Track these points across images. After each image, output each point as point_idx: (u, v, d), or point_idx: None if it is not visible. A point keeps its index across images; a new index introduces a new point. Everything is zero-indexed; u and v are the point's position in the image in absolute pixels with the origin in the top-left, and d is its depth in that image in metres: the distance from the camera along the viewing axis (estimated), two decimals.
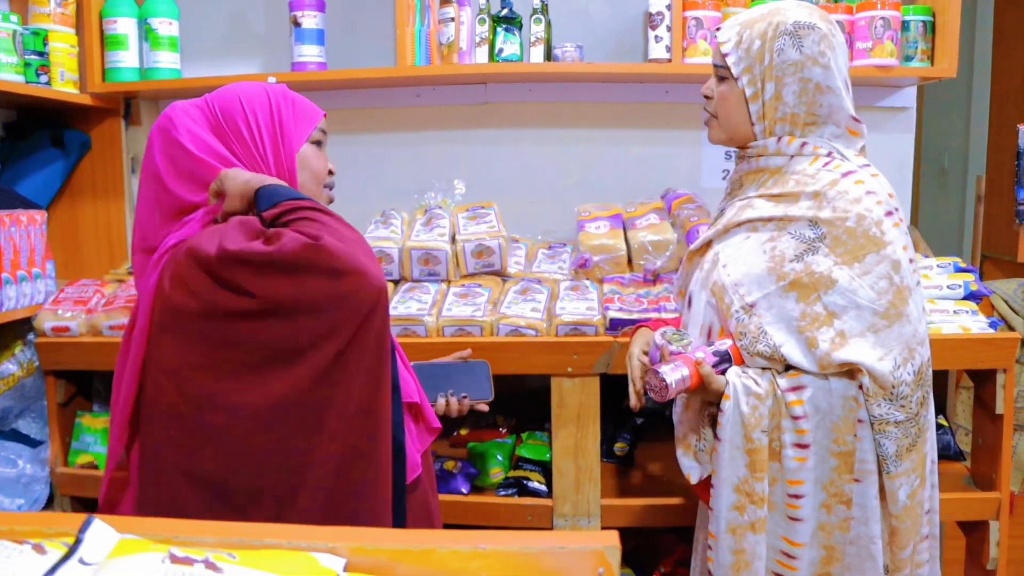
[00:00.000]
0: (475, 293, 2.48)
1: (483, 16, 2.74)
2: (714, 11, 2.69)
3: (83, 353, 2.50)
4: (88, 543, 0.76)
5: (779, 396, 1.63)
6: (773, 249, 1.67)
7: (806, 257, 1.63)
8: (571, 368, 2.30)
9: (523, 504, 2.39)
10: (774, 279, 1.65)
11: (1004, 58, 4.02)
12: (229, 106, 1.56)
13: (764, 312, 1.66)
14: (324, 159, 1.66)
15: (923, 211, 5.01)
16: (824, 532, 1.69)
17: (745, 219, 1.73)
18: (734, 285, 1.69)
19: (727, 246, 1.76)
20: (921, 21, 2.72)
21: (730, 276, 1.70)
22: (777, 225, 1.69)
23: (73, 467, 2.58)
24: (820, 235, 1.63)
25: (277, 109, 1.58)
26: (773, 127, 1.71)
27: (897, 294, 1.61)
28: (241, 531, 0.82)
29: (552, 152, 3.03)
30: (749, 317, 1.67)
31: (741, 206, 1.76)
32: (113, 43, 2.84)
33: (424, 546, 0.81)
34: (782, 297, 1.65)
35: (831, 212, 1.63)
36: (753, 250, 1.70)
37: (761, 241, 1.70)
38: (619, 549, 0.82)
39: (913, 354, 1.63)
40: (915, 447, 1.66)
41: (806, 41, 1.66)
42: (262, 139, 1.56)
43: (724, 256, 1.74)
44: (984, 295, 2.49)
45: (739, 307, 1.68)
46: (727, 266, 1.72)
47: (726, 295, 1.70)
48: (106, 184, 3.03)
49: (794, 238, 1.66)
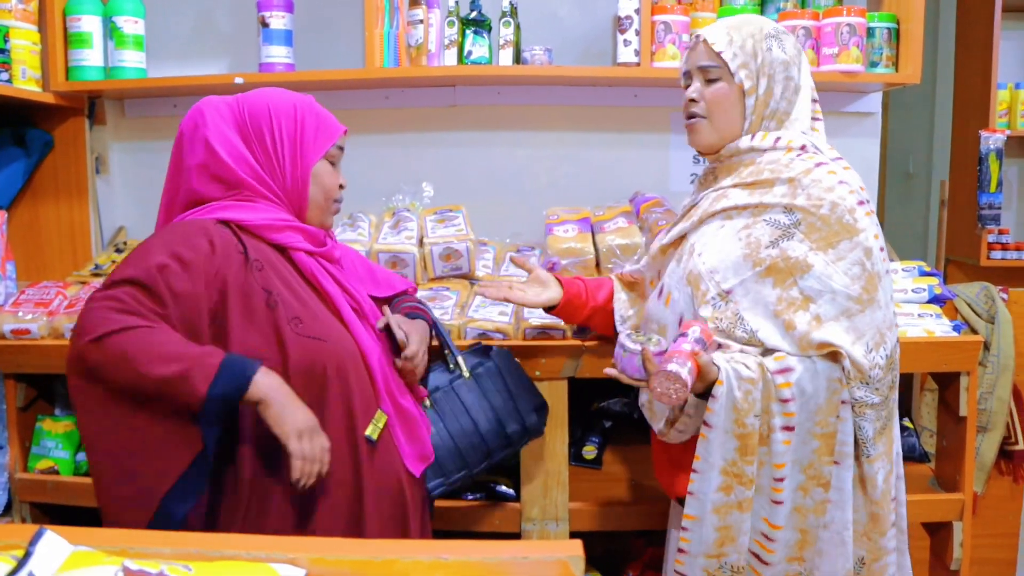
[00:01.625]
0: (443, 296, 2.47)
1: (452, 18, 2.73)
2: (682, 16, 2.70)
3: (44, 356, 2.46)
4: (39, 556, 0.74)
5: (768, 379, 1.65)
6: (748, 236, 1.70)
7: (781, 243, 1.67)
8: (539, 372, 2.29)
9: (491, 508, 2.38)
10: (750, 265, 1.68)
11: (966, 65, 4.07)
12: (257, 111, 1.66)
13: (740, 298, 1.68)
14: (336, 176, 1.75)
15: (889, 215, 5.06)
16: (799, 514, 1.70)
17: (720, 208, 1.76)
18: (709, 272, 1.71)
19: (702, 235, 1.79)
20: (886, 28, 2.75)
21: (705, 264, 1.73)
22: (752, 212, 1.72)
23: (33, 472, 2.53)
24: (795, 221, 1.68)
25: (301, 122, 1.68)
26: (759, 123, 1.78)
27: (869, 280, 1.66)
28: (198, 541, 0.81)
29: (521, 155, 3.03)
30: (725, 304, 1.69)
31: (716, 196, 1.80)
32: (77, 41, 2.80)
33: (386, 556, 0.80)
34: (758, 283, 1.67)
35: (805, 199, 1.68)
36: (728, 238, 1.73)
37: (736, 228, 1.73)
38: (583, 558, 0.82)
39: (884, 338, 1.68)
40: (885, 430, 1.73)
41: (786, 44, 1.78)
42: (283, 149, 1.65)
43: (699, 245, 1.77)
44: (948, 298, 2.51)
45: (715, 294, 1.70)
46: (702, 254, 1.74)
47: (701, 282, 1.72)
48: (69, 184, 2.99)
49: (769, 225, 1.69)
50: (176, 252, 1.54)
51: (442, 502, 2.40)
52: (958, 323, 2.43)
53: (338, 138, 1.74)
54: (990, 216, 3.77)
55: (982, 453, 2.77)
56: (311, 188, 1.68)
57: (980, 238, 3.88)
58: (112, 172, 3.11)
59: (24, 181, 2.93)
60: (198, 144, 1.65)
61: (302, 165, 1.66)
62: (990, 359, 2.74)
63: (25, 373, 2.53)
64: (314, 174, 1.69)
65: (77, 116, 2.97)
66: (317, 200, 1.71)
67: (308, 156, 1.67)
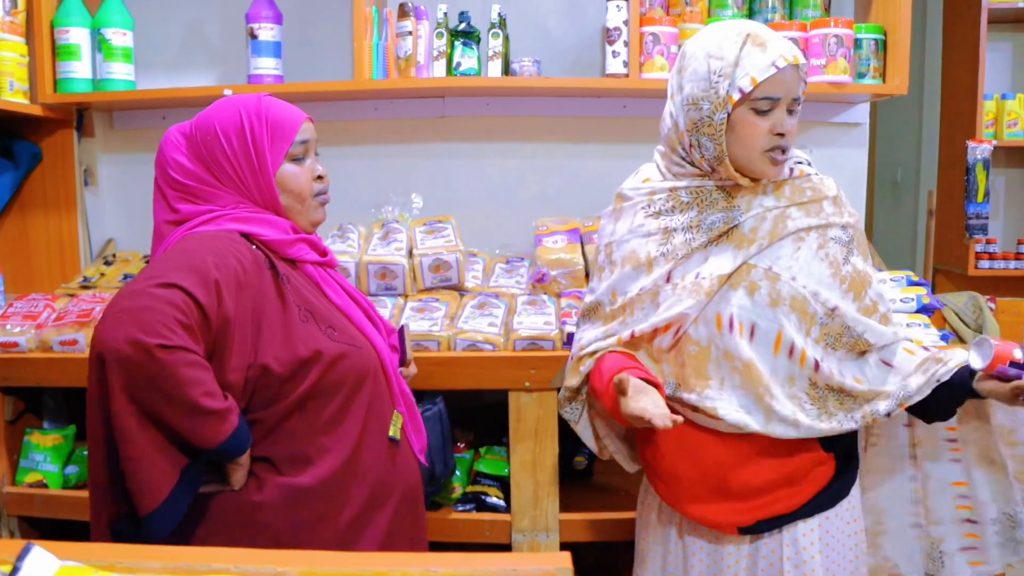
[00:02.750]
0: (432, 308, 2.47)
1: (441, 30, 2.74)
2: (671, 27, 2.71)
3: (33, 369, 2.45)
4: (26, 572, 0.73)
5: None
6: (827, 255, 1.72)
7: (851, 259, 1.74)
8: (529, 383, 2.29)
9: (481, 519, 2.38)
10: (838, 283, 1.72)
11: (953, 76, 4.09)
12: (207, 134, 1.63)
13: (844, 312, 1.71)
14: (305, 174, 1.70)
15: (877, 225, 5.08)
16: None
17: (792, 230, 1.70)
18: (814, 295, 1.70)
19: (779, 259, 1.70)
20: (873, 39, 2.76)
21: (806, 287, 1.69)
22: (819, 232, 1.73)
23: (21, 486, 2.52)
24: (850, 238, 1.75)
25: (251, 133, 1.63)
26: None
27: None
28: (187, 556, 0.81)
29: (510, 166, 3.03)
30: (832, 320, 1.71)
31: (774, 218, 1.70)
32: (65, 53, 2.79)
33: (375, 569, 0.80)
34: (845, 297, 1.72)
35: (850, 216, 1.77)
36: (812, 259, 1.71)
37: (813, 249, 1.72)
38: (572, 571, 0.81)
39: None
40: None
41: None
42: (240, 167, 1.63)
43: (784, 269, 1.69)
44: (936, 308, 2.52)
45: (823, 313, 1.70)
46: (796, 278, 1.69)
47: (808, 306, 1.69)
48: (58, 197, 2.98)
49: (837, 243, 1.74)
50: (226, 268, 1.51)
51: (432, 513, 2.41)
52: (946, 332, 2.43)
53: (296, 134, 1.67)
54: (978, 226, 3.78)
55: None
56: (280, 197, 1.66)
57: (968, 248, 3.89)
58: (100, 184, 3.10)
59: (12, 193, 2.92)
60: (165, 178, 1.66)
61: (264, 177, 1.64)
62: None
63: (13, 386, 2.51)
64: (279, 182, 1.65)
65: (65, 128, 2.97)
66: (292, 206, 1.68)
67: (267, 168, 1.63)
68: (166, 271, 1.46)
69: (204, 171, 1.64)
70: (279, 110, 1.68)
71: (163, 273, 1.46)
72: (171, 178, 1.65)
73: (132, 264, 2.90)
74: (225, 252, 1.53)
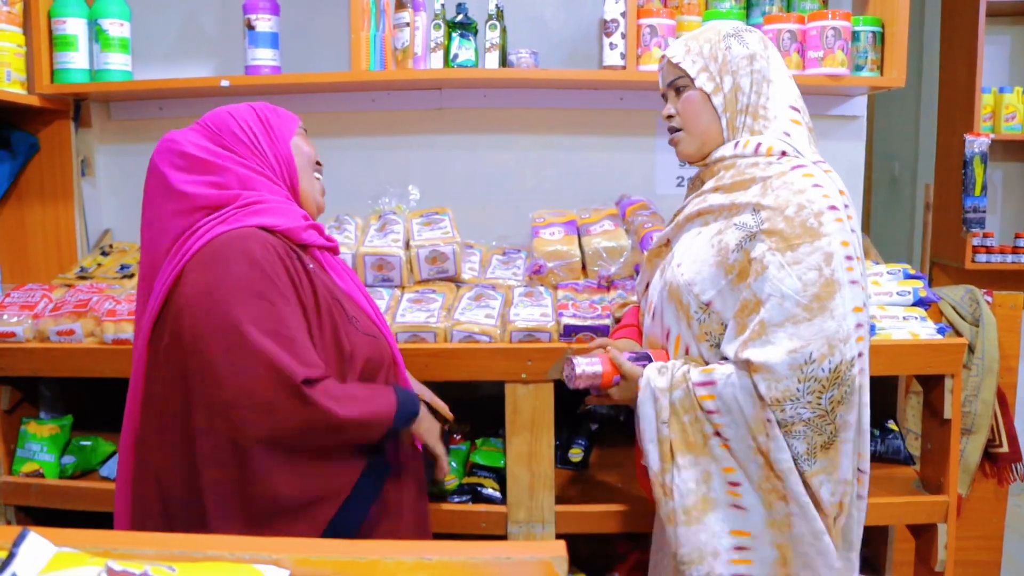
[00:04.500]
0: (429, 299, 2.47)
1: (438, 21, 2.74)
2: (668, 19, 2.71)
3: (29, 359, 2.45)
4: (22, 557, 0.74)
5: (690, 388, 1.67)
6: (720, 242, 1.69)
7: (745, 245, 1.64)
8: (525, 374, 2.29)
9: (477, 511, 2.38)
10: (723, 273, 1.67)
11: (950, 70, 4.10)
12: (219, 119, 1.73)
13: (721, 308, 1.68)
14: (311, 149, 1.82)
15: (875, 219, 5.09)
16: (774, 529, 1.66)
17: (696, 211, 1.77)
18: (688, 285, 1.70)
19: (681, 243, 1.79)
20: (871, 32, 2.76)
21: (684, 275, 1.72)
22: (726, 215, 1.71)
23: (17, 476, 2.52)
24: (759, 221, 1.63)
25: (263, 113, 1.76)
26: (735, 119, 1.76)
27: (824, 287, 1.58)
28: (182, 543, 0.81)
29: (507, 158, 3.03)
30: (708, 316, 1.69)
31: (696, 202, 1.79)
32: (62, 44, 2.79)
33: (369, 557, 0.80)
34: (734, 290, 1.66)
35: (773, 199, 1.63)
36: (703, 245, 1.72)
37: (711, 234, 1.72)
38: (566, 559, 0.82)
39: (833, 350, 1.59)
40: (832, 445, 1.63)
41: (748, 39, 1.79)
42: (256, 137, 1.72)
43: (678, 254, 1.77)
44: (933, 301, 2.53)
45: (697, 307, 1.70)
46: (680, 264, 1.74)
47: (683, 296, 1.72)
48: (55, 187, 2.98)
49: (738, 229, 1.66)
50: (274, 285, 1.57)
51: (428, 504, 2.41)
52: (943, 326, 2.44)
53: (299, 122, 1.82)
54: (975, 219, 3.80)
55: (966, 456, 2.79)
56: (296, 158, 1.76)
57: (965, 241, 3.91)
58: (98, 175, 3.10)
59: (9, 184, 2.92)
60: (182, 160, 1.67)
61: (280, 143, 1.74)
62: (975, 362, 2.75)
63: (10, 376, 2.52)
64: (294, 145, 1.77)
65: (62, 119, 2.96)
66: (304, 169, 1.78)
67: (282, 135, 1.75)
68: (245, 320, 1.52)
69: (219, 147, 1.70)
70: (279, 109, 1.83)
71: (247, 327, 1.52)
72: (189, 158, 1.66)
73: (129, 254, 2.90)
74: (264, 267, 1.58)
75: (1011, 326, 2.93)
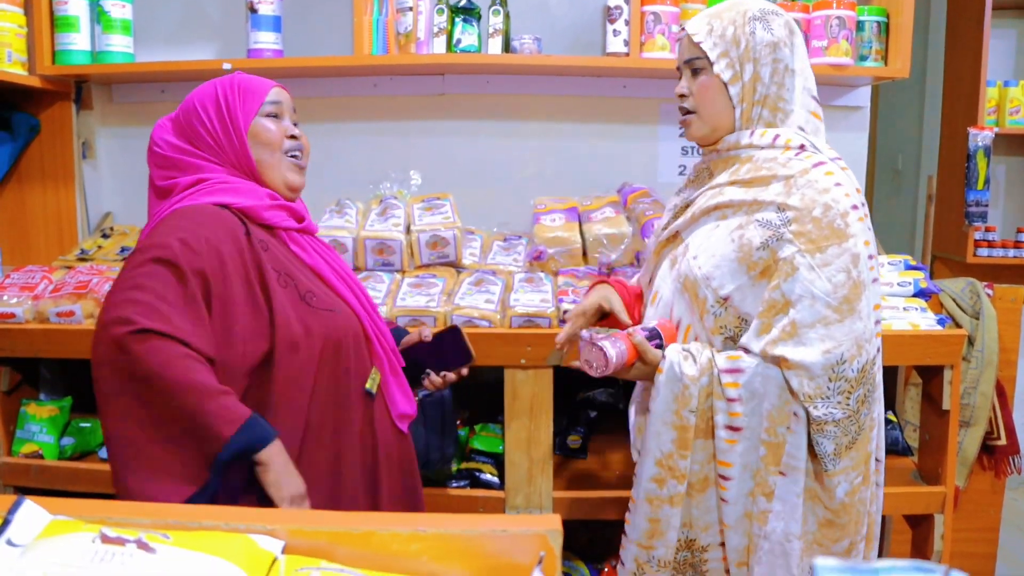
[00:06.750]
0: (429, 284, 2.47)
1: (441, 6, 2.73)
2: (672, 6, 2.70)
3: (29, 340, 2.45)
4: (17, 524, 0.74)
5: (715, 375, 1.65)
6: (741, 237, 1.66)
7: (772, 244, 1.62)
8: (524, 360, 2.29)
9: (475, 496, 2.38)
10: (745, 269, 1.65)
11: (956, 62, 4.09)
12: (188, 112, 1.76)
13: (739, 304, 1.66)
14: (279, 129, 1.78)
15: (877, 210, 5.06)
16: (748, 520, 1.69)
17: (714, 205, 1.72)
18: (705, 279, 1.67)
19: (696, 236, 1.74)
20: (876, 21, 2.75)
21: (701, 268, 1.68)
22: (747, 211, 1.68)
23: (17, 456, 2.53)
24: (786, 221, 1.62)
25: (224, 100, 1.75)
26: (751, 110, 1.72)
27: (853, 289, 1.59)
28: (178, 512, 0.81)
29: (509, 144, 3.03)
30: (725, 311, 1.67)
31: (712, 194, 1.74)
32: (64, 25, 2.78)
33: (364, 528, 0.80)
34: (755, 287, 1.65)
35: (799, 199, 1.62)
36: (722, 239, 1.68)
37: (730, 229, 1.69)
38: (561, 533, 0.82)
39: (861, 351, 1.61)
40: (855, 444, 1.64)
41: (774, 24, 1.72)
42: (215, 131, 1.73)
43: (694, 246, 1.72)
44: (933, 292, 2.52)
45: (714, 301, 1.67)
46: (697, 257, 1.70)
47: (699, 289, 1.69)
48: (56, 169, 2.98)
49: (761, 225, 1.64)
50: (196, 233, 1.59)
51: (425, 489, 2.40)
52: (943, 317, 2.44)
53: (266, 95, 1.78)
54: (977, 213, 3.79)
55: (964, 447, 2.79)
56: (253, 150, 1.74)
57: (967, 235, 3.90)
58: (99, 157, 3.10)
59: (10, 165, 2.92)
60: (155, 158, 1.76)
61: (236, 136, 1.73)
62: (974, 354, 2.75)
63: (10, 357, 2.52)
64: (252, 135, 1.74)
65: (64, 100, 2.96)
66: (264, 159, 1.75)
67: (238, 125, 1.73)
68: (134, 259, 1.58)
69: (186, 143, 1.74)
70: (250, 78, 1.82)
71: (134, 261, 1.58)
72: (157, 156, 1.75)
73: (129, 237, 2.90)
74: (197, 221, 1.62)
75: (1011, 319, 2.93)
